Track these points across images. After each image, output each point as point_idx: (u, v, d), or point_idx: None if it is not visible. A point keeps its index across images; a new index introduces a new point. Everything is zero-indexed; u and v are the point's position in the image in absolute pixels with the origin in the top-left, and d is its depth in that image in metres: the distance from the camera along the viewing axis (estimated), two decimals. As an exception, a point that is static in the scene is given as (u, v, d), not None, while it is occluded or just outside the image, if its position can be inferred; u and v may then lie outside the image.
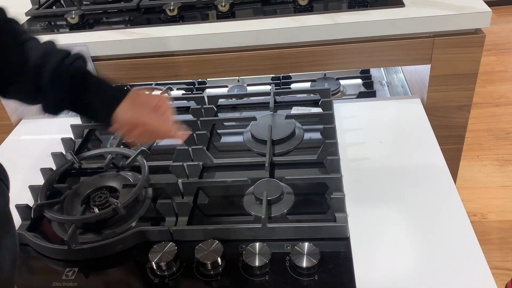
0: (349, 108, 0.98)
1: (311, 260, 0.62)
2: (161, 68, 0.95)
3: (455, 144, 1.00)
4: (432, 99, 0.94)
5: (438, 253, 0.64)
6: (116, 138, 0.92)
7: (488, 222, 1.51)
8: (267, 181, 0.78)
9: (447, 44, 0.88)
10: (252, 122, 0.94)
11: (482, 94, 2.10)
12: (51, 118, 1.10)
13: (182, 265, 0.66)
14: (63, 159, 0.86)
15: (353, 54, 0.90)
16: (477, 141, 1.85)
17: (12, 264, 0.48)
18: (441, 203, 0.72)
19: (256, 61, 0.92)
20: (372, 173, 0.80)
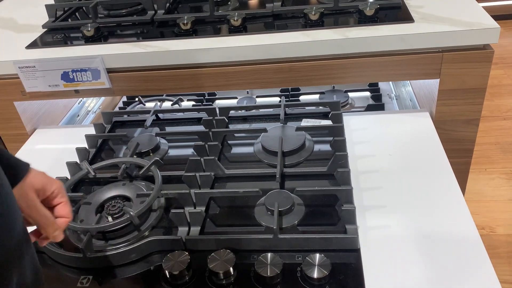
0: (359, 120, 0.99)
1: (322, 271, 0.63)
2: (173, 80, 0.97)
3: (463, 157, 1.01)
4: (441, 113, 0.95)
5: (448, 266, 0.65)
6: (129, 148, 0.94)
7: (497, 235, 1.51)
8: (278, 192, 0.79)
9: (456, 59, 0.89)
10: (263, 133, 0.95)
11: (489, 108, 2.10)
12: (65, 128, 1.13)
13: (195, 274, 0.67)
14: (77, 168, 0.88)
15: (363, 68, 0.92)
16: (485, 154, 1.85)
17: (35, 278, 0.48)
18: (450, 216, 0.72)
19: (268, 74, 0.93)
20: (382, 185, 0.80)
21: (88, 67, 0.97)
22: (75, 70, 0.97)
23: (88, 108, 1.31)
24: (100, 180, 0.88)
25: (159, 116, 1.08)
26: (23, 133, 1.07)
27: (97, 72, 0.97)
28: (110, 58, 0.96)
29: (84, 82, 0.99)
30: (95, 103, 1.34)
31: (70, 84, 0.99)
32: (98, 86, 0.98)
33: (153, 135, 0.98)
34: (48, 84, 1.00)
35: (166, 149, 0.97)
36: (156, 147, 0.96)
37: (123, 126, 1.06)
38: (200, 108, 1.09)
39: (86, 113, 1.29)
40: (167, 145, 0.98)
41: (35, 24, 1.11)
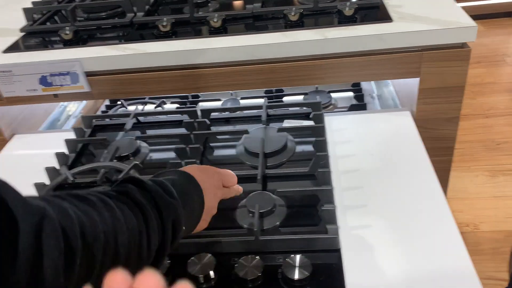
0: (340, 121, 0.99)
1: (303, 272, 0.63)
2: (154, 83, 0.96)
3: (445, 155, 1.01)
4: (422, 111, 0.96)
5: (429, 265, 0.65)
6: (109, 152, 0.92)
7: (481, 232, 1.52)
8: (259, 194, 0.78)
9: (435, 57, 0.90)
10: (245, 135, 0.95)
11: (472, 106, 2.13)
12: (44, 133, 1.11)
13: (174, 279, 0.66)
14: (56, 174, 0.87)
15: (343, 68, 0.92)
16: (468, 152, 1.87)
17: None
18: (431, 215, 0.73)
19: (249, 75, 0.93)
20: (363, 185, 0.81)
21: (66, 71, 0.95)
22: (53, 74, 0.96)
23: (69, 113, 1.30)
24: (80, 185, 0.87)
25: (140, 119, 1.07)
26: (1, 139, 1.05)
27: (76, 75, 0.96)
28: (89, 62, 0.94)
29: (63, 86, 0.97)
30: (76, 108, 1.32)
31: (48, 89, 0.98)
32: (77, 90, 0.97)
33: (133, 138, 0.97)
34: (26, 88, 0.98)
35: (146, 153, 0.96)
36: (136, 150, 0.95)
37: (103, 130, 1.05)
38: (181, 111, 1.08)
39: (67, 118, 1.28)
40: (148, 148, 0.97)
41: (13, 28, 1.10)
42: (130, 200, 0.48)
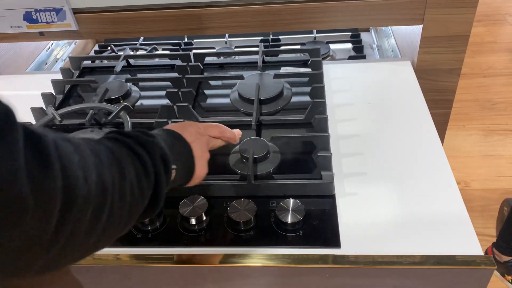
0: (339, 69, 0.96)
1: (296, 216, 0.62)
2: (144, 22, 0.91)
3: (443, 108, 0.99)
4: (423, 61, 0.93)
5: (424, 214, 0.64)
6: (98, 94, 0.89)
7: (471, 190, 1.53)
8: (253, 140, 0.76)
9: (440, 3, 0.85)
10: (240, 81, 0.91)
11: (470, 65, 2.09)
12: (30, 75, 1.07)
13: (166, 220, 0.65)
14: (43, 114, 0.83)
15: (344, 12, 0.88)
16: (463, 111, 1.85)
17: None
18: (428, 166, 0.71)
19: (245, 17, 0.89)
20: (359, 133, 0.79)
21: (52, 7, 0.90)
22: (38, 9, 0.91)
23: (57, 56, 1.25)
24: (67, 126, 0.84)
25: (131, 62, 1.02)
26: (-15, 79, 1.01)
27: (63, 12, 0.90)
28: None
29: (48, 23, 0.92)
30: (64, 52, 1.27)
31: (33, 26, 0.93)
32: (64, 28, 0.92)
33: (123, 81, 0.93)
34: (10, 25, 0.93)
35: (137, 97, 0.93)
36: (127, 93, 0.91)
37: (92, 73, 1.01)
38: (173, 54, 1.04)
39: (55, 61, 1.23)
40: (139, 92, 0.94)
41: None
42: (118, 142, 0.45)
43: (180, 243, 0.62)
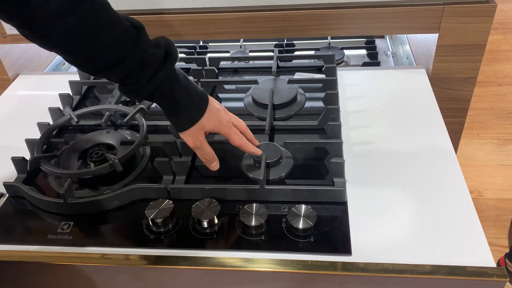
0: (353, 76, 0.96)
1: (308, 222, 0.62)
2: (162, 26, 0.92)
3: (457, 117, 0.99)
4: (438, 69, 0.93)
5: (436, 223, 0.64)
6: (114, 96, 0.90)
7: (484, 199, 1.52)
8: (266, 144, 0.77)
9: (457, 12, 0.85)
10: (254, 85, 0.92)
11: (486, 73, 2.07)
12: (49, 75, 1.09)
13: (178, 223, 0.65)
14: (60, 115, 0.85)
15: (360, 19, 0.88)
16: (478, 120, 1.84)
17: None
18: (442, 175, 0.71)
19: (261, 22, 0.89)
20: (372, 141, 0.79)
21: (71, 10, 0.91)
22: (58, 12, 0.92)
23: (75, 57, 1.26)
24: (84, 127, 0.86)
25: (147, 65, 1.04)
26: (4, 78, 1.03)
27: (82, 15, 0.92)
28: (95, 1, 0.91)
29: (68, 25, 0.94)
30: (81, 52, 1.29)
31: (53, 28, 0.95)
32: (83, 30, 0.94)
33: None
34: (30, 26, 0.95)
35: (153, 99, 0.94)
36: (143, 96, 0.93)
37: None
38: (189, 58, 1.05)
39: (72, 62, 1.25)
40: (154, 94, 0.95)
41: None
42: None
43: (192, 245, 0.63)
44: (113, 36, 0.53)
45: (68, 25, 0.50)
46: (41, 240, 0.65)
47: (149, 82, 0.57)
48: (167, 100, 0.62)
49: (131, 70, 0.56)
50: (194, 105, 0.64)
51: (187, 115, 0.64)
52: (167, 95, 0.61)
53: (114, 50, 0.53)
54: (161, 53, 0.58)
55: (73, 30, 0.50)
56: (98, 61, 0.54)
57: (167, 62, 0.58)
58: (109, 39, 0.52)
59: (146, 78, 0.57)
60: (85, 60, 0.54)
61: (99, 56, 0.53)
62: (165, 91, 0.60)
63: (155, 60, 0.57)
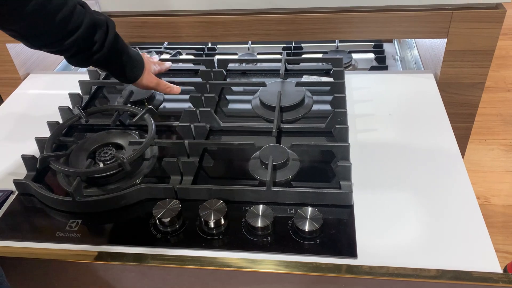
0: (361, 79, 0.97)
1: (314, 224, 0.62)
2: (170, 28, 0.93)
3: (465, 122, 0.99)
4: (446, 74, 0.93)
5: (442, 228, 0.64)
6: (123, 96, 0.91)
7: (491, 205, 1.51)
8: (273, 146, 0.77)
9: (466, 18, 0.85)
10: (261, 88, 0.93)
11: (494, 78, 2.06)
12: (59, 74, 1.10)
13: (185, 223, 0.66)
14: (70, 114, 0.86)
15: (369, 23, 0.88)
16: (486, 125, 1.83)
17: None
18: (447, 179, 0.71)
19: (269, 25, 0.90)
20: (380, 144, 0.79)
21: (83, 10, 0.93)
22: (69, 12, 0.93)
23: (84, 57, 1.28)
24: (93, 126, 0.86)
25: (156, 66, 1.04)
26: (15, 77, 1.04)
27: (92, 16, 0.93)
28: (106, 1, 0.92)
29: (78, 26, 0.95)
30: (91, 52, 1.30)
31: (64, 28, 0.96)
32: (93, 31, 0.95)
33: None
34: (42, 26, 0.96)
35: (161, 100, 0.95)
36: (151, 97, 0.94)
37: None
38: (198, 59, 1.06)
39: (82, 62, 1.26)
40: (162, 96, 0.96)
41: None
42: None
43: (198, 245, 0.63)
44: (70, 8, 0.63)
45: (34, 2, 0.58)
46: (49, 238, 0.66)
47: (105, 41, 0.68)
48: (122, 55, 0.73)
49: (88, 33, 0.66)
50: (136, 55, 0.77)
51: (137, 65, 0.77)
52: (120, 51, 0.72)
53: (74, 18, 0.63)
54: (104, 17, 0.69)
55: (40, 5, 0.59)
56: (64, 29, 0.63)
57: (110, 24, 0.70)
58: (68, 10, 0.62)
59: (101, 38, 0.68)
60: (50, 31, 0.62)
61: (64, 25, 0.63)
62: (119, 47, 0.72)
63: (103, 22, 0.69)
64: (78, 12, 0.64)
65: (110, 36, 0.69)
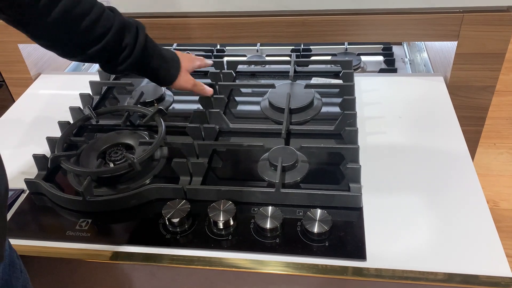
0: (370, 82, 0.96)
1: (323, 226, 0.63)
2: (182, 29, 0.94)
3: (475, 126, 0.98)
4: (456, 77, 0.92)
5: (452, 232, 0.63)
6: (133, 97, 0.92)
7: (500, 210, 1.50)
8: (282, 148, 0.77)
9: (477, 21, 0.85)
10: (271, 89, 0.93)
11: (504, 82, 2.05)
12: (69, 75, 1.11)
13: (194, 223, 0.66)
14: (80, 114, 0.87)
15: (377, 26, 0.88)
16: (495, 129, 1.82)
17: (5, 192, 0.50)
18: (459, 183, 0.71)
19: (279, 27, 0.90)
20: (389, 147, 0.79)
21: (94, 11, 0.93)
22: (81, 13, 0.94)
23: (94, 58, 1.29)
24: (103, 127, 0.87)
25: (166, 67, 1.05)
26: (27, 77, 1.05)
27: (104, 17, 0.94)
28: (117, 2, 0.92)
29: (90, 27, 0.96)
30: (101, 53, 1.31)
31: (75, 29, 0.97)
32: (104, 32, 0.95)
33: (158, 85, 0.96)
34: (53, 27, 0.97)
35: (171, 101, 0.95)
36: (161, 97, 0.94)
37: (128, 76, 1.04)
38: (207, 61, 1.06)
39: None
40: (172, 97, 0.96)
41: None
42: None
43: (207, 246, 0.63)
44: (99, 11, 0.61)
45: (60, 7, 0.57)
46: (59, 237, 0.67)
47: (136, 45, 0.66)
48: (155, 59, 0.71)
49: (118, 37, 0.64)
50: (171, 56, 0.75)
51: (172, 66, 0.75)
52: (153, 53, 0.70)
53: (102, 23, 0.61)
54: (133, 21, 0.68)
55: (66, 9, 0.57)
56: (91, 35, 0.61)
57: (140, 27, 0.68)
58: (96, 14, 0.61)
59: (132, 41, 0.66)
60: (77, 36, 0.60)
61: (91, 31, 0.61)
62: (151, 50, 0.69)
63: (133, 24, 0.67)
64: (106, 17, 0.62)
65: (140, 39, 0.67)
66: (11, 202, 0.72)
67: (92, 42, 0.62)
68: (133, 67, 0.69)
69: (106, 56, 0.65)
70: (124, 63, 0.67)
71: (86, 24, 0.60)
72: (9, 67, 1.05)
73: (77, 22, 0.59)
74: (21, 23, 0.58)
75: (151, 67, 0.71)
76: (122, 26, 0.64)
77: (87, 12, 0.60)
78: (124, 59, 0.66)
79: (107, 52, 0.64)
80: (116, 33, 0.63)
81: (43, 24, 0.57)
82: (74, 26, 0.59)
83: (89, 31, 0.61)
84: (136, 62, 0.68)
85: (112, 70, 0.68)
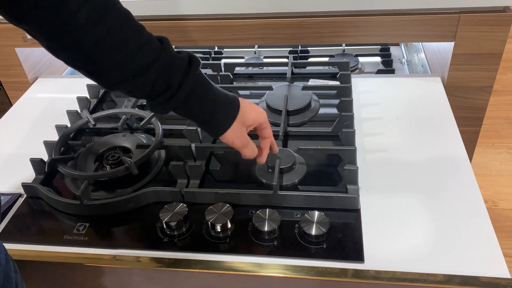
0: (367, 83, 0.96)
1: (320, 228, 0.62)
2: (179, 32, 0.94)
3: (472, 126, 0.98)
4: (453, 78, 0.92)
5: (450, 233, 0.63)
6: (131, 100, 0.92)
7: (499, 209, 1.50)
8: (280, 150, 0.77)
9: (473, 21, 0.85)
10: (268, 91, 0.93)
11: (502, 82, 2.05)
12: (67, 78, 1.11)
13: (192, 226, 0.66)
14: (78, 117, 0.87)
15: (375, 27, 0.88)
16: (493, 129, 1.82)
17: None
18: (455, 183, 0.71)
19: (276, 29, 0.90)
20: (387, 148, 0.79)
21: (91, 15, 0.93)
22: (77, 17, 0.94)
23: (92, 61, 1.29)
24: (100, 130, 0.87)
25: (163, 70, 1.05)
26: (24, 81, 1.05)
27: (100, 20, 0.94)
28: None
29: (86, 30, 0.96)
30: (99, 56, 1.31)
31: (72, 32, 0.97)
32: (101, 35, 0.95)
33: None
34: (50, 31, 0.97)
35: (168, 103, 0.95)
36: (159, 100, 0.94)
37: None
38: (204, 63, 1.06)
39: (90, 66, 1.27)
40: (170, 99, 0.96)
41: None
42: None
43: (205, 249, 0.63)
44: (141, 41, 0.52)
45: (98, 33, 0.49)
46: (57, 241, 0.66)
47: (181, 86, 0.55)
48: (202, 102, 0.59)
49: (161, 74, 0.54)
50: (229, 101, 0.61)
51: (224, 114, 0.61)
52: (201, 97, 0.58)
53: (142, 54, 0.52)
54: (185, 56, 0.56)
55: (103, 38, 0.49)
56: (128, 68, 0.52)
57: (193, 63, 0.57)
58: (137, 44, 0.52)
59: (177, 81, 0.55)
60: (113, 68, 0.52)
61: (129, 62, 0.52)
62: (199, 92, 0.58)
63: (183, 62, 0.55)
64: (149, 49, 0.53)
65: (190, 79, 0.56)
66: (9, 207, 0.72)
67: (131, 75, 0.53)
68: (178, 109, 0.59)
69: (148, 92, 0.56)
70: (168, 103, 0.56)
71: (123, 56, 0.51)
72: (7, 71, 1.05)
73: (112, 51, 0.51)
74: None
75: (199, 112, 0.59)
76: (169, 61, 0.54)
77: (126, 42, 0.51)
78: (169, 98, 0.56)
79: (149, 87, 0.55)
80: (161, 69, 0.54)
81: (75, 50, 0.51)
82: (109, 56, 0.51)
83: (126, 63, 0.52)
84: (180, 104, 0.57)
85: (159, 109, 0.58)
